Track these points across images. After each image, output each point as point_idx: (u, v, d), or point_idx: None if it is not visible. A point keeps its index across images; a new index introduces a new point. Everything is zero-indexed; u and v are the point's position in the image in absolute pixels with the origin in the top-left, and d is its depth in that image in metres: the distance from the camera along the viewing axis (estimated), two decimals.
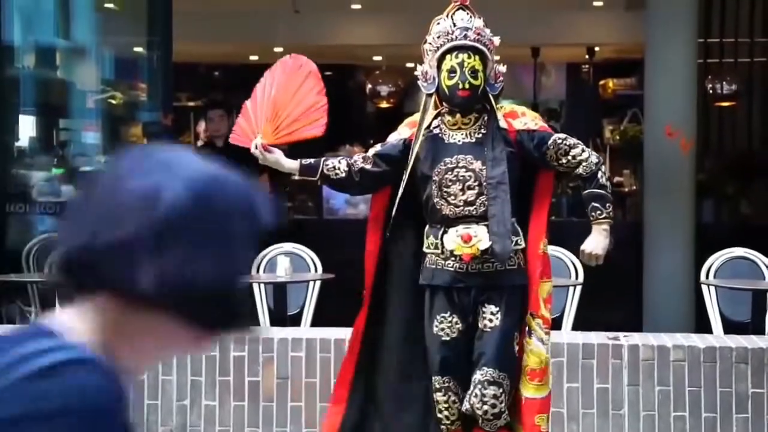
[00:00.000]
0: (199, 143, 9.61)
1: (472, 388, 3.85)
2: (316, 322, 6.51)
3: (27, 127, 9.94)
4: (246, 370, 5.23)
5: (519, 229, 3.88)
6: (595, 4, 11.30)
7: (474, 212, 3.80)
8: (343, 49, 12.35)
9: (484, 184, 3.78)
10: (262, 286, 6.53)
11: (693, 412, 5.03)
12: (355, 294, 4.13)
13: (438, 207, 3.84)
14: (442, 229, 3.84)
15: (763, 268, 6.45)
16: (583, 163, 3.84)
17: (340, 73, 13.83)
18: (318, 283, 6.63)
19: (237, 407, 5.24)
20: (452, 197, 3.81)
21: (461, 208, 3.81)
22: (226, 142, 8.25)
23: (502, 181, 3.76)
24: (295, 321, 6.50)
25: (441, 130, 3.88)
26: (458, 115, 3.86)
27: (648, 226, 8.60)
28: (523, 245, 3.90)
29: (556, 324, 6.12)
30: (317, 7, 11.24)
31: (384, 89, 12.60)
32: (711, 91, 10.59)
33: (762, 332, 5.90)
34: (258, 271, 6.71)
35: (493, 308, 3.85)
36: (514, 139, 3.84)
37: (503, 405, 3.84)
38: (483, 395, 3.82)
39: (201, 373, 5.25)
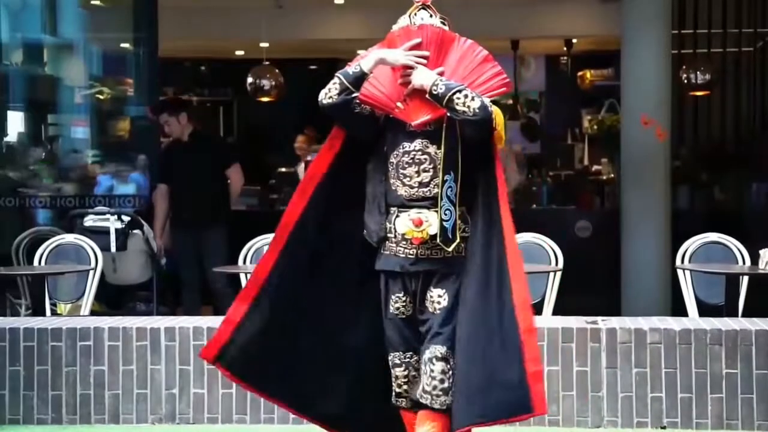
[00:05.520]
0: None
1: (423, 367, 4.01)
2: None
3: (16, 123, 9.96)
4: None
5: (468, 217, 4.03)
6: None
7: (427, 194, 3.98)
8: (327, 43, 12.40)
9: (439, 167, 3.96)
10: (248, 276, 6.59)
11: (669, 393, 5.13)
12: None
13: (394, 188, 4.02)
14: (396, 213, 4.02)
15: (736, 252, 6.54)
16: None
17: (324, 67, 13.87)
18: None
19: (225, 395, 5.31)
20: (407, 178, 4.00)
21: (416, 189, 3.99)
22: (191, 135, 8.23)
23: (454, 166, 3.96)
24: None
25: None
26: None
27: (625, 213, 8.71)
28: (470, 234, 4.05)
29: (536, 309, 6.25)
30: (300, 2, 11.31)
31: None
32: (685, 81, 10.64)
33: (735, 315, 6.01)
34: (244, 261, 6.80)
35: (440, 291, 4.03)
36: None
37: (451, 381, 3.98)
38: (432, 371, 3.98)
39: (189, 362, 5.33)
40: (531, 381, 3.90)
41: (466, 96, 3.87)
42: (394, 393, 4.15)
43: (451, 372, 3.98)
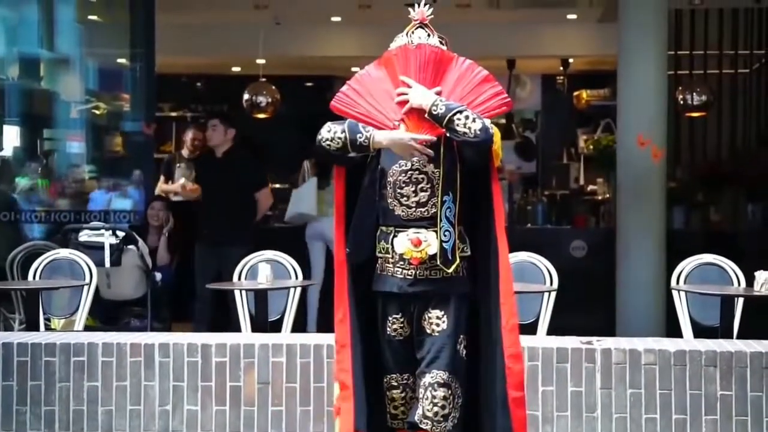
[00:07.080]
0: (185, 152, 9.60)
1: (422, 391, 3.94)
2: (296, 328, 6.62)
3: (11, 137, 9.96)
4: (227, 375, 5.29)
5: (466, 237, 4.00)
6: (569, 17, 11.42)
7: (425, 214, 3.92)
8: (323, 60, 12.43)
9: (437, 186, 3.91)
10: (243, 293, 6.58)
11: (664, 414, 5.12)
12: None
13: (391, 207, 3.97)
14: (393, 233, 3.97)
15: (732, 274, 6.53)
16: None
17: (320, 84, 13.92)
18: (298, 289, 6.71)
19: (219, 412, 5.29)
20: (405, 198, 3.94)
21: (413, 209, 3.94)
22: (226, 152, 8.21)
23: (452, 184, 3.92)
24: (276, 327, 6.57)
25: None
26: None
27: (620, 233, 8.72)
28: (469, 253, 4.01)
29: (531, 329, 6.24)
30: (298, 19, 11.34)
31: None
32: (681, 102, 10.68)
33: (730, 336, 5.99)
34: (239, 278, 6.79)
35: (438, 313, 3.97)
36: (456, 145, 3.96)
37: (452, 406, 3.93)
38: (433, 396, 3.92)
39: (183, 379, 5.30)
40: (512, 407, 3.90)
41: (467, 117, 3.82)
42: (389, 414, 4.11)
43: (452, 397, 3.93)
